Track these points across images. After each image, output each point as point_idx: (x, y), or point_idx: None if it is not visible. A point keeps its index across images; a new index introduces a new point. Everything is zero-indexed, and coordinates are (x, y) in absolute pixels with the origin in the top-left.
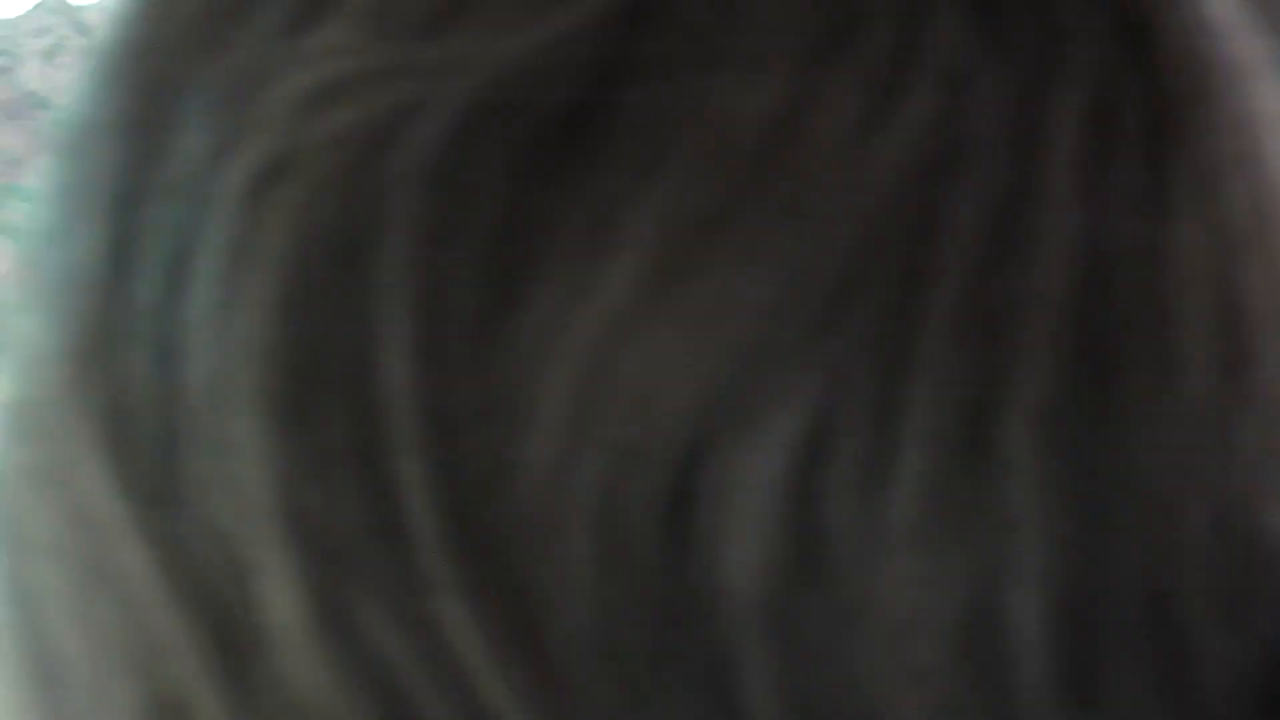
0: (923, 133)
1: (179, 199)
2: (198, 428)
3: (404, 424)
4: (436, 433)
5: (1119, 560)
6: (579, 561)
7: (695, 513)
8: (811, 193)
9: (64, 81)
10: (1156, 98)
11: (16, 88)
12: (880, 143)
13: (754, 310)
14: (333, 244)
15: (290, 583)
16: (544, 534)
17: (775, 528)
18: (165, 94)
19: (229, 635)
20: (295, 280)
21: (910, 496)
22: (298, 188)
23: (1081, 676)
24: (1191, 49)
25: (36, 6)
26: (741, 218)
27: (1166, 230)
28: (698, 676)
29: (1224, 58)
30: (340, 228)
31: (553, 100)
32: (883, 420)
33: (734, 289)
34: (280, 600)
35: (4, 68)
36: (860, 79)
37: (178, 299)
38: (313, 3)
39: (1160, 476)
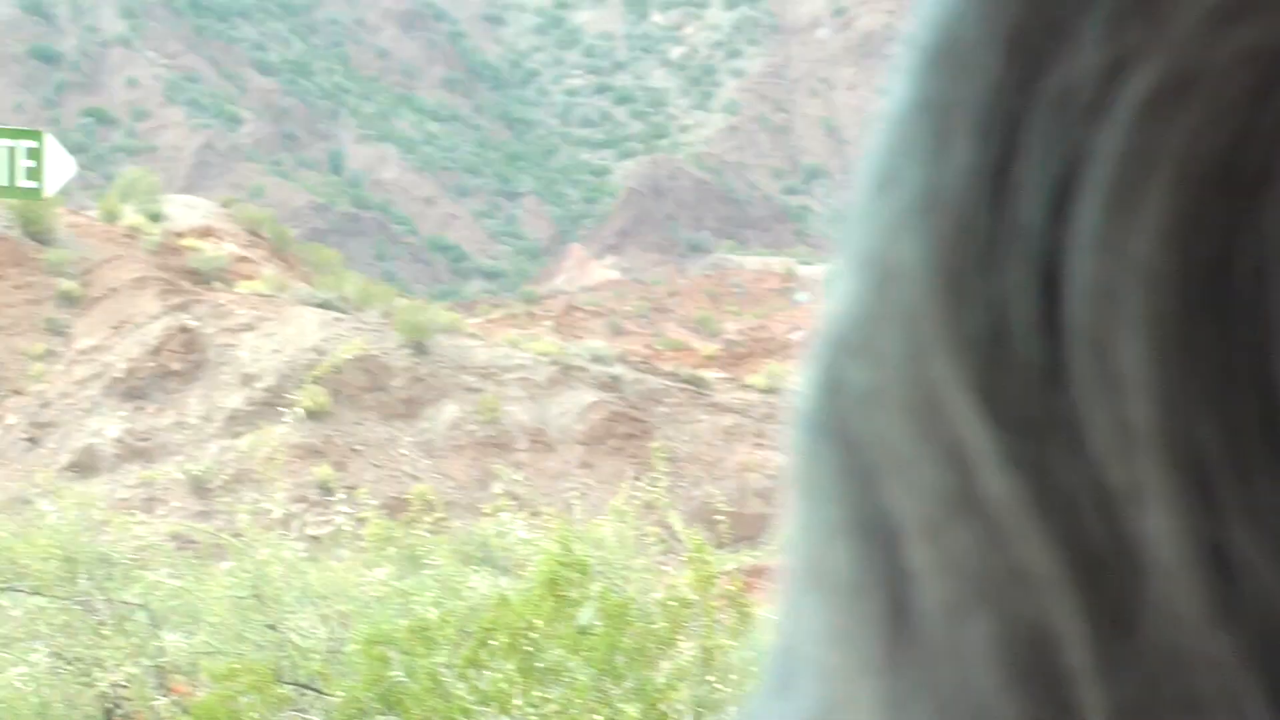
0: None
1: (1068, 115)
2: (1078, 354)
3: None
4: None
5: None
6: None
7: None
8: None
9: None
10: None
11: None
12: None
13: None
14: (1231, 167)
15: (1174, 517)
16: None
17: None
18: (1059, 6)
19: (1101, 569)
20: (1191, 203)
21: None
22: (1199, 107)
23: None
24: None
25: None
26: None
27: None
28: None
29: None
30: (1240, 150)
31: None
32: None
33: None
34: (1162, 535)
35: None
36: None
37: (1061, 220)
38: None
39: None
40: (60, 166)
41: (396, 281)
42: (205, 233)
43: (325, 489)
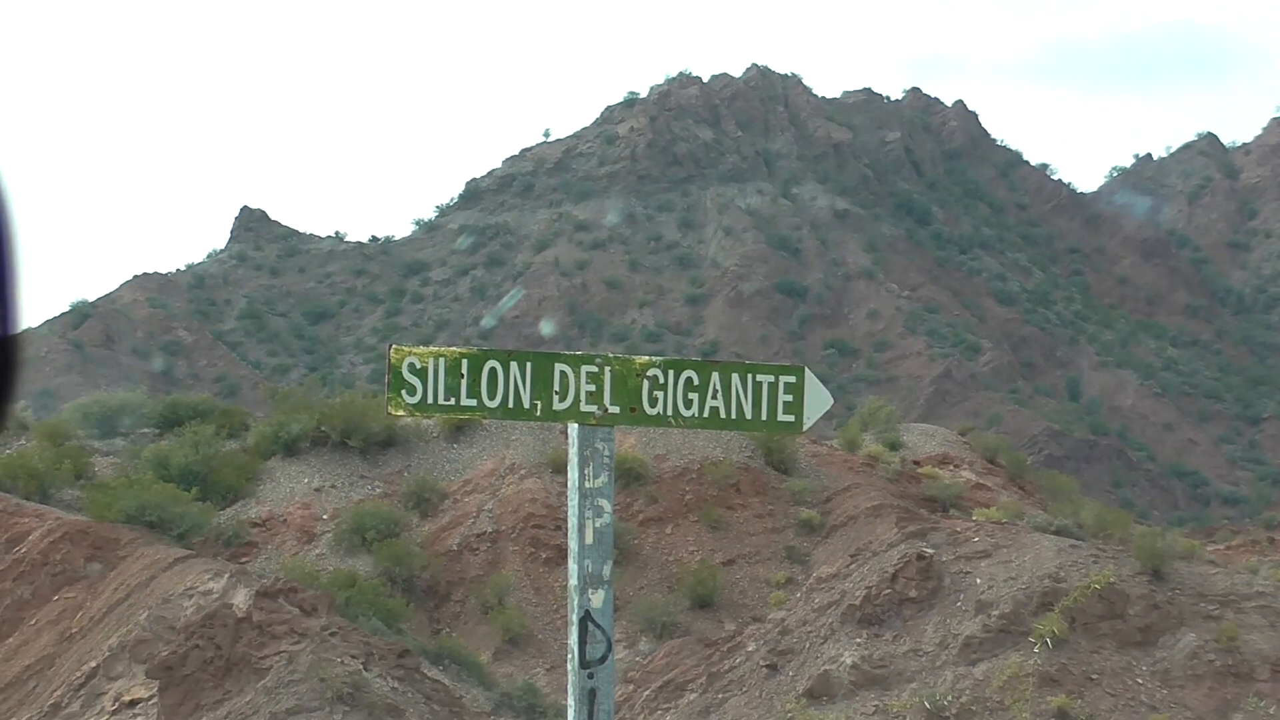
0: None
1: None
2: None
3: None
4: None
5: None
6: None
7: None
8: None
9: (1205, 222)
10: None
11: (1158, 226)
12: None
13: None
14: None
15: None
16: None
17: None
18: None
19: None
20: None
21: None
22: None
23: None
24: None
25: (1185, 146)
26: None
27: None
28: None
29: None
30: None
31: None
32: None
33: None
34: None
35: (1150, 207)
36: None
37: None
38: None
39: None
40: (816, 400)
41: (1133, 508)
42: (943, 460)
43: (1063, 718)
